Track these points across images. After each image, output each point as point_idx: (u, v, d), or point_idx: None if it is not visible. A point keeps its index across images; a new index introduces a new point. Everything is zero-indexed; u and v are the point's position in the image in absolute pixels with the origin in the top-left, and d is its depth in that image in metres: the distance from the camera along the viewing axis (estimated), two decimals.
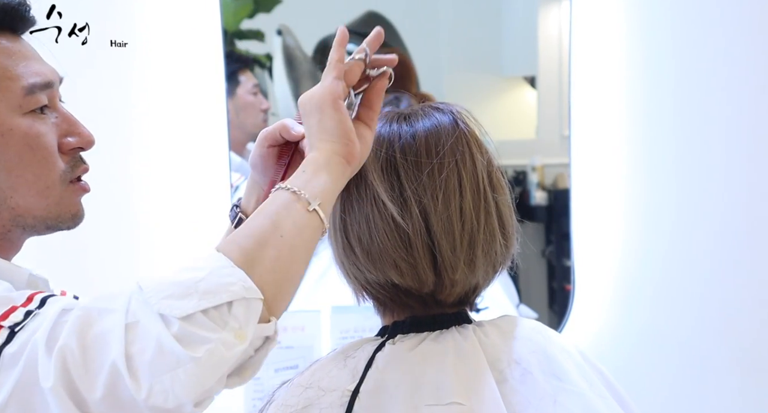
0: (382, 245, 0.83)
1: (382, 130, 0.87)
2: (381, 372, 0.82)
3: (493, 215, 0.85)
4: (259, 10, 2.20)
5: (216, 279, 0.69)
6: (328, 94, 0.82)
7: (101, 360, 0.66)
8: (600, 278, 1.82)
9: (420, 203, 0.83)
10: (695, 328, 1.59)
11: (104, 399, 0.65)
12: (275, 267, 0.73)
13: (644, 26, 1.71)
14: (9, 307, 0.71)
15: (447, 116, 0.87)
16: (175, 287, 0.68)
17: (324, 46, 2.33)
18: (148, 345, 0.66)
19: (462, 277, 0.84)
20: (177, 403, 0.66)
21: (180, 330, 0.66)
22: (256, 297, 0.70)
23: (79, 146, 0.85)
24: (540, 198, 2.34)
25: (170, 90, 1.62)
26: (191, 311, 0.67)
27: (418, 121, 0.87)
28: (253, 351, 0.73)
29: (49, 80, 0.83)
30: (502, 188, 0.88)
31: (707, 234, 1.55)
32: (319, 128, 0.82)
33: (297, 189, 0.77)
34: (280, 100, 2.22)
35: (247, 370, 0.73)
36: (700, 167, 1.57)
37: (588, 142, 1.81)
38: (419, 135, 0.85)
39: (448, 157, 0.84)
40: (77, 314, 0.68)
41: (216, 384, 0.69)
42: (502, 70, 2.38)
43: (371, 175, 0.85)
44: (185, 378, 0.66)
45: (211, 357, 0.66)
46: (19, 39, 0.84)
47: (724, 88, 1.51)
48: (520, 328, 0.89)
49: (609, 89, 1.78)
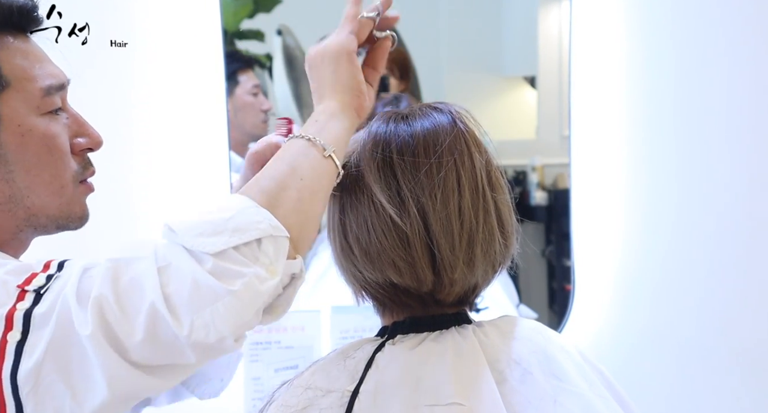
0: (380, 245, 0.84)
1: (379, 129, 0.87)
2: (381, 373, 0.82)
3: (492, 214, 0.85)
4: (259, 10, 2.20)
5: (244, 218, 0.72)
6: (345, 48, 0.86)
7: (138, 304, 0.68)
8: (600, 278, 1.82)
9: (418, 202, 0.83)
10: (695, 328, 1.59)
11: (145, 341, 0.67)
12: (297, 208, 0.76)
13: (644, 26, 1.71)
14: (29, 274, 0.72)
15: (446, 116, 0.87)
16: (206, 225, 0.70)
17: None
18: (185, 284, 0.68)
19: (461, 276, 0.84)
20: (218, 337, 0.68)
21: (214, 266, 0.68)
22: (283, 235, 0.73)
23: (89, 146, 0.87)
24: (540, 198, 2.34)
25: (170, 90, 1.62)
26: (223, 247, 0.69)
27: (416, 120, 0.87)
28: (282, 288, 0.75)
29: (62, 82, 0.85)
30: (501, 187, 0.88)
31: (707, 234, 1.55)
32: (333, 78, 0.86)
33: (312, 137, 0.80)
34: (280, 100, 2.22)
35: (278, 308, 0.75)
36: (700, 167, 1.57)
37: (588, 142, 1.81)
38: (417, 134, 0.85)
39: (447, 156, 0.84)
40: (106, 265, 0.70)
41: (253, 318, 0.71)
42: (502, 70, 2.38)
43: (368, 175, 0.85)
44: (224, 311, 0.68)
45: (247, 289, 0.69)
46: (29, 39, 0.85)
47: (724, 88, 1.51)
48: (519, 328, 0.88)
49: (609, 89, 1.78)
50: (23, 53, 0.81)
